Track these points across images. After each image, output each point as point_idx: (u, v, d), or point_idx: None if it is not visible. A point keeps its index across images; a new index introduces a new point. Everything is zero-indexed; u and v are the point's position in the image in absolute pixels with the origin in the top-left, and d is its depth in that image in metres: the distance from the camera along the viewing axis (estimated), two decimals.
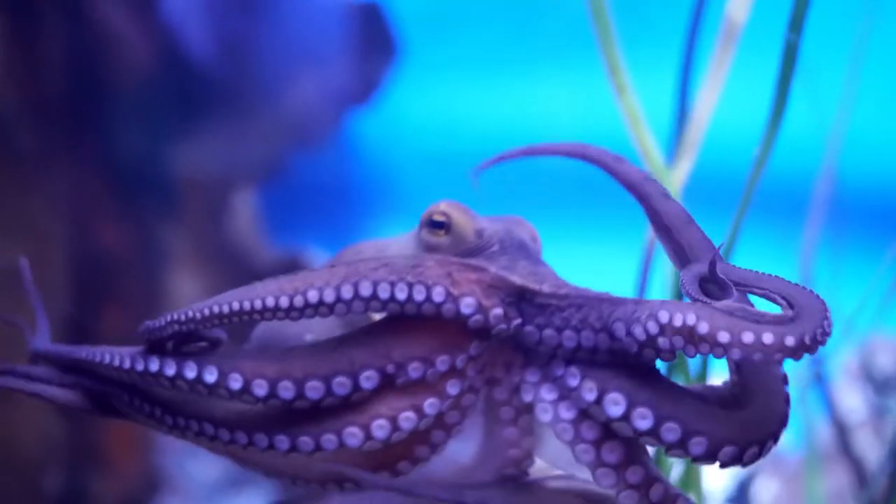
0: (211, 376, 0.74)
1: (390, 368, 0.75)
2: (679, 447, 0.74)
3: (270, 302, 0.75)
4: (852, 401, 2.31)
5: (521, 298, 0.76)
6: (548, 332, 0.76)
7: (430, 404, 0.76)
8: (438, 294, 0.75)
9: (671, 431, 0.73)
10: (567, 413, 0.75)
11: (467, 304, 0.75)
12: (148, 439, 2.61)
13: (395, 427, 0.75)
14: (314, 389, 0.74)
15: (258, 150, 3.47)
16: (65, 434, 2.44)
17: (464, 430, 0.80)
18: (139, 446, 2.60)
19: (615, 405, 0.73)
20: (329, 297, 0.74)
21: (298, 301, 0.74)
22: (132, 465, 2.56)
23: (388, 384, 0.76)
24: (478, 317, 0.75)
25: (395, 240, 0.90)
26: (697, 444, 0.73)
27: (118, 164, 2.76)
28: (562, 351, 0.76)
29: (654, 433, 0.73)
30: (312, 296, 0.74)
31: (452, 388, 0.76)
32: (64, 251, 2.53)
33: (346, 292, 0.74)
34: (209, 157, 3.31)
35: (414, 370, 0.75)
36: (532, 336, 0.76)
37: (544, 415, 0.76)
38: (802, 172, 1.81)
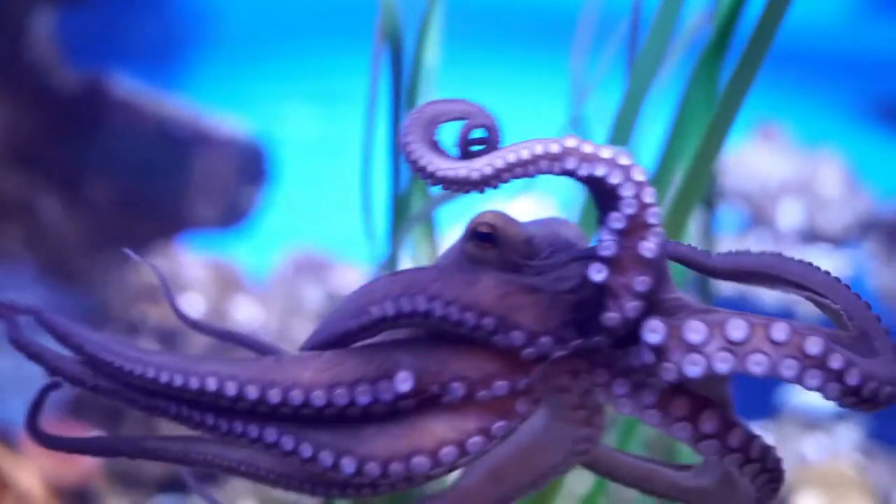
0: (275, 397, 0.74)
1: (434, 388, 0.73)
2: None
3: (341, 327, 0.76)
4: None
5: (578, 315, 0.73)
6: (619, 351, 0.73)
7: (495, 425, 0.73)
8: (489, 324, 0.72)
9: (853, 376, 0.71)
10: (649, 398, 0.73)
11: (517, 337, 0.72)
12: None
13: (462, 452, 0.72)
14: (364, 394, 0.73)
15: None
16: None
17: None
18: None
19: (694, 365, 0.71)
20: (390, 311, 0.75)
21: (364, 320, 0.76)
22: None
23: (437, 403, 0.73)
24: (530, 350, 0.73)
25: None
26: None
27: None
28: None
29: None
30: (375, 312, 0.75)
31: (521, 407, 0.74)
32: None
33: (406, 305, 0.74)
34: None
35: (456, 390, 0.73)
36: (599, 348, 0.73)
37: (624, 409, 0.74)
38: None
